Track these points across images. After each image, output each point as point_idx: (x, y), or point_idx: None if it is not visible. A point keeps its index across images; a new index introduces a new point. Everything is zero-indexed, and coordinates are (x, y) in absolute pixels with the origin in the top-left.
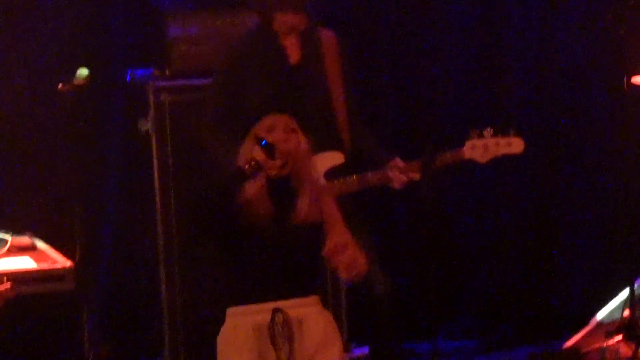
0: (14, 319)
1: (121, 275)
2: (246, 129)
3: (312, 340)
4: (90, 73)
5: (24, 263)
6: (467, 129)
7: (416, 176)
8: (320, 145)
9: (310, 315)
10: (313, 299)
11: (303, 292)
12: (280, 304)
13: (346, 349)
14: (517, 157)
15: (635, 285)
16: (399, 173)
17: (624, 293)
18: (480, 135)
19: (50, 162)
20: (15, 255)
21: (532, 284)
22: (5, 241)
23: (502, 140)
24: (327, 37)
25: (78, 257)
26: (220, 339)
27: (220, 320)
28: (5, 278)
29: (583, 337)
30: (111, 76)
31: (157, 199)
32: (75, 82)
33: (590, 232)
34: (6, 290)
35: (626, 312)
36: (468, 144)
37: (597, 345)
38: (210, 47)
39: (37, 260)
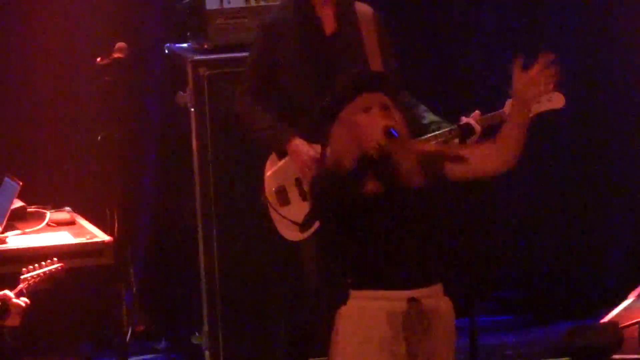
0: (53, 294)
1: (160, 250)
2: (335, 111)
3: (442, 335)
4: (129, 47)
5: (63, 238)
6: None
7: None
8: None
9: (440, 307)
10: (439, 288)
11: (430, 278)
12: (413, 292)
13: None
14: (558, 113)
15: None
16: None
17: None
18: None
19: (89, 136)
20: (54, 230)
21: (570, 259)
22: None
23: (543, 97)
24: (363, 9)
25: (117, 231)
26: (343, 322)
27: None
28: (55, 259)
29: (622, 311)
30: (149, 50)
31: (196, 173)
32: (114, 55)
33: (629, 205)
34: (57, 270)
35: None
36: (508, 103)
37: (636, 319)
38: (248, 20)
39: (75, 234)
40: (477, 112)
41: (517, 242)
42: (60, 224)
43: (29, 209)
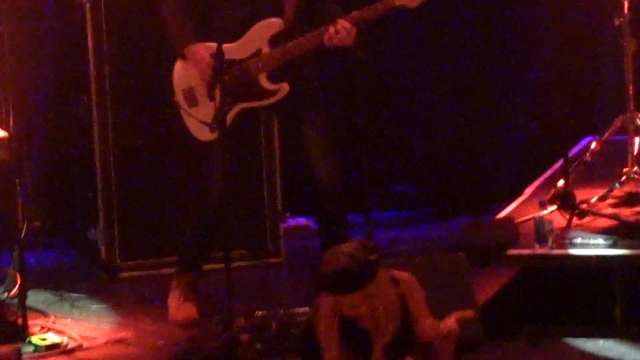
0: None
1: (55, 145)
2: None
3: None
4: None
5: None
6: None
7: (349, 27)
8: (261, 13)
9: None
10: None
11: None
12: None
13: (281, 219)
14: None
15: (570, 155)
16: (338, 26)
17: (558, 163)
18: None
19: None
20: None
21: (466, 155)
22: None
23: None
24: None
25: (12, 127)
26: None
27: None
28: None
29: (517, 207)
30: None
31: (91, 68)
32: None
33: (525, 102)
34: None
35: (560, 182)
36: None
37: (531, 214)
38: None
39: None
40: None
41: (414, 137)
42: None
43: None
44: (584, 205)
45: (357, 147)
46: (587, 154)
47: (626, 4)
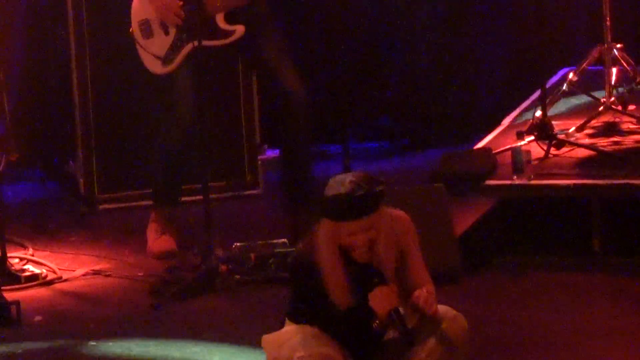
0: None
1: (33, 78)
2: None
3: None
4: None
5: None
6: None
7: None
8: None
9: None
10: None
11: None
12: None
13: (259, 151)
14: None
15: (547, 86)
16: None
17: (536, 94)
18: None
19: None
20: None
21: (444, 85)
22: None
23: None
24: None
25: None
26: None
27: None
28: None
29: (495, 138)
30: None
31: (69, 1)
32: None
33: (503, 32)
34: None
35: (538, 113)
36: None
37: (509, 145)
38: None
39: None
40: None
41: (392, 70)
42: None
43: None
44: (562, 136)
45: (335, 78)
46: (565, 84)
47: None
